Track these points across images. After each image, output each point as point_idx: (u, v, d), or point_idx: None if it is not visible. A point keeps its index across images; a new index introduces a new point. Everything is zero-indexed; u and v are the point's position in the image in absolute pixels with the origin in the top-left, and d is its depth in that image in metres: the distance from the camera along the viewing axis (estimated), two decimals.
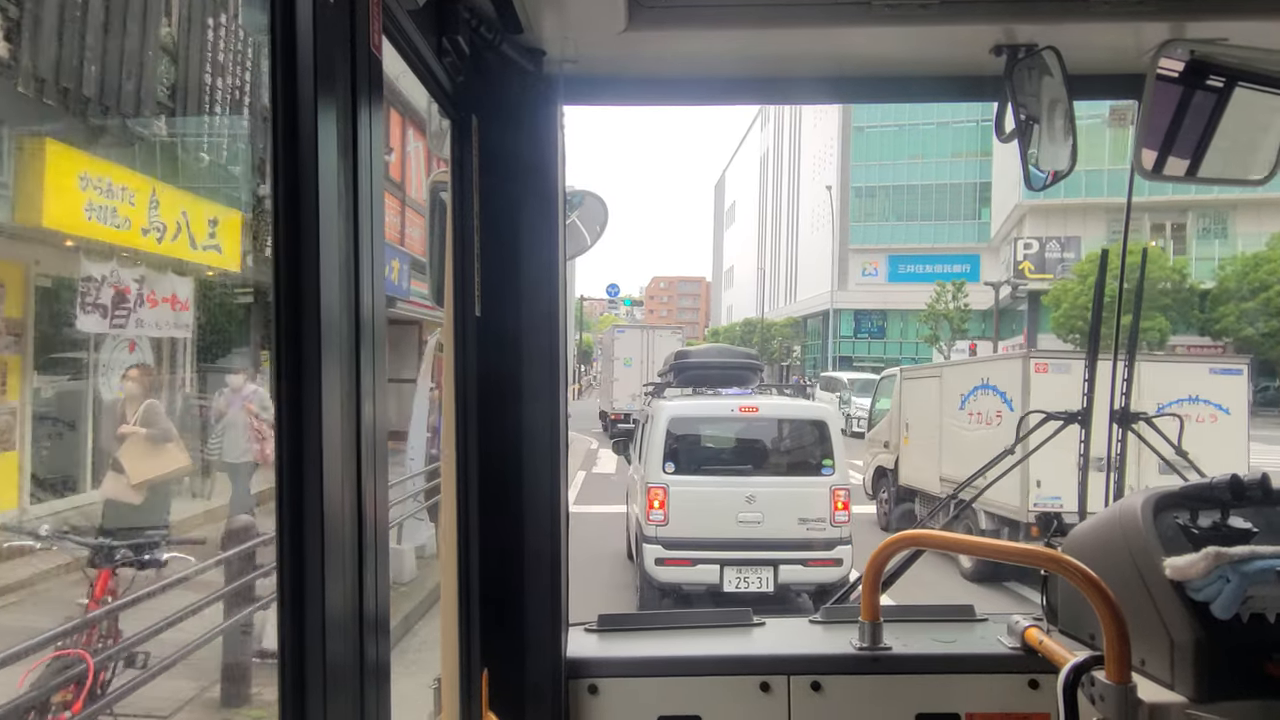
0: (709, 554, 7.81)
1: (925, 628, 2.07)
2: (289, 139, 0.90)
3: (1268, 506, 1.73)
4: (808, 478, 8.15)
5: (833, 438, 8.22)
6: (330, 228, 0.93)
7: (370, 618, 1.01)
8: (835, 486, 8.02)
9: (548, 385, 1.81)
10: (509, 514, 1.80)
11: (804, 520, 7.91)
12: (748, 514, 7.91)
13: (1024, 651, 1.88)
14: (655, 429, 8.23)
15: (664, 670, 1.94)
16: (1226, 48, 1.62)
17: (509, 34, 1.64)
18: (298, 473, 0.90)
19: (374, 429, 1.03)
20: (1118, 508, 1.81)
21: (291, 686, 0.90)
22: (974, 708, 1.91)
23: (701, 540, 7.85)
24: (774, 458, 8.49)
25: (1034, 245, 39.67)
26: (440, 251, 1.73)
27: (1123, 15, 1.58)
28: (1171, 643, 1.60)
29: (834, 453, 8.16)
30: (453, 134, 1.69)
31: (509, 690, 1.80)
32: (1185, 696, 1.57)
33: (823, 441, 8.26)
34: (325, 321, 0.91)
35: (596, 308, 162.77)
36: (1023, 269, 39.30)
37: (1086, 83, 1.78)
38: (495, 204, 1.76)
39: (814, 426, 8.39)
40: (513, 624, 1.81)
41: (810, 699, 1.90)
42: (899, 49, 1.78)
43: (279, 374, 0.90)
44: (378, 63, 1.05)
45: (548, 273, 1.80)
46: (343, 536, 0.96)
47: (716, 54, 1.83)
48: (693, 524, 7.88)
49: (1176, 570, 1.59)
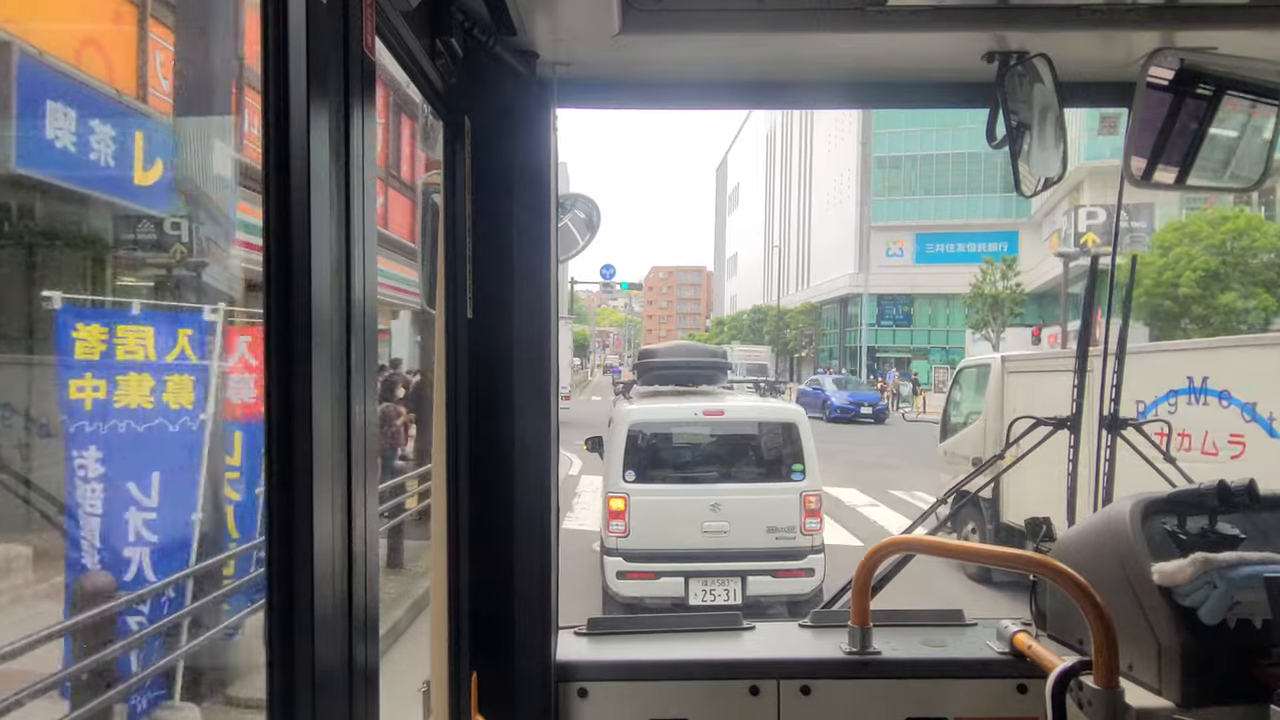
0: (673, 566, 7.41)
1: (914, 632, 2.11)
2: (280, 140, 0.90)
3: (1255, 512, 1.77)
4: (777, 484, 7.72)
5: (803, 440, 7.77)
6: (322, 230, 0.94)
7: (359, 620, 1.02)
8: (806, 493, 7.60)
9: (540, 387, 1.84)
10: (499, 516, 1.83)
11: (773, 529, 7.51)
12: (713, 523, 7.52)
13: (1013, 656, 1.93)
14: (616, 434, 7.84)
15: (653, 674, 1.98)
16: (1215, 56, 1.66)
17: (502, 36, 1.67)
18: (287, 476, 0.91)
19: (364, 434, 1.04)
20: (1106, 513, 1.86)
21: (280, 690, 0.91)
22: (963, 712, 1.94)
23: (665, 552, 7.46)
24: (741, 463, 8.11)
25: (1100, 214, 34.38)
26: (432, 253, 1.75)
27: (1113, 24, 1.62)
28: (1159, 648, 1.64)
29: (805, 456, 7.71)
30: (445, 136, 1.71)
31: (498, 693, 1.82)
32: (1172, 702, 1.61)
33: (793, 444, 7.80)
34: (316, 326, 0.93)
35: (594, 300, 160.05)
36: (1086, 241, 33.98)
37: (1077, 90, 1.83)
38: (487, 206, 1.79)
39: (783, 429, 7.92)
40: (503, 627, 1.84)
41: (799, 703, 1.94)
42: (891, 55, 1.80)
43: (269, 377, 0.91)
44: (371, 64, 1.07)
45: (540, 274, 1.83)
46: (332, 537, 0.96)
47: (710, 58, 1.86)
48: (655, 535, 7.49)
49: (1164, 576, 1.63)
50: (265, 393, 0.91)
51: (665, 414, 8.14)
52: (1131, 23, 1.62)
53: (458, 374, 1.74)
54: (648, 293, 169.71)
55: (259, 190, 0.91)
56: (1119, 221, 2.91)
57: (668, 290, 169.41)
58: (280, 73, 0.89)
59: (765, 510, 7.55)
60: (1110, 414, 2.51)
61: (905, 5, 1.60)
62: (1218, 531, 1.73)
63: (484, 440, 1.80)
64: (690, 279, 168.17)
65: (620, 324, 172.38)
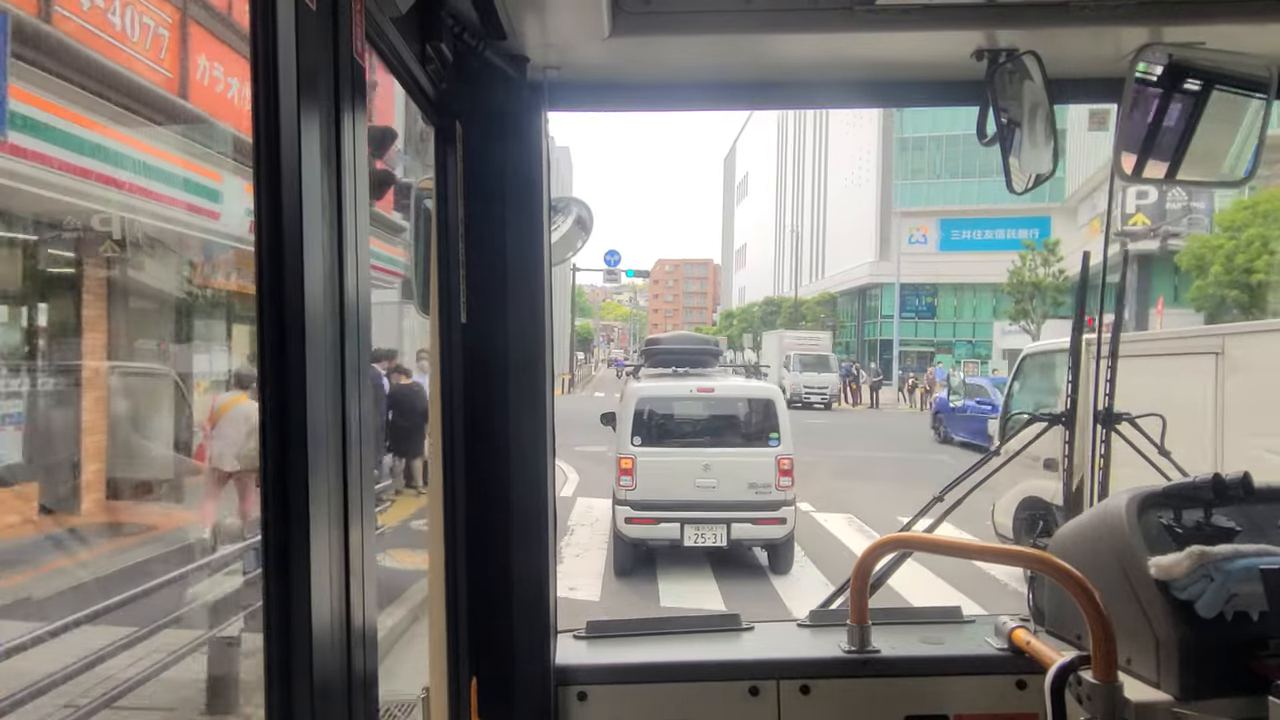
0: (671, 514, 9.11)
1: (913, 630, 2.12)
2: (271, 146, 0.90)
3: (1250, 505, 1.78)
4: (756, 448, 9.45)
5: (779, 414, 9.52)
6: (314, 236, 0.94)
7: (358, 627, 1.03)
8: (780, 456, 9.29)
9: (535, 389, 1.84)
10: (496, 520, 1.84)
11: (753, 485, 9.20)
12: (704, 480, 9.22)
13: (1011, 652, 1.94)
14: (626, 408, 9.56)
15: (653, 676, 1.99)
16: (1203, 51, 1.67)
17: (492, 40, 1.67)
18: (282, 479, 0.91)
19: (359, 438, 1.04)
20: (1102, 508, 1.88)
21: (278, 698, 0.91)
22: (962, 709, 1.95)
23: (665, 502, 9.15)
24: (728, 432, 9.79)
25: (1150, 193, 31.42)
26: (425, 258, 1.75)
27: (1101, 20, 1.63)
28: (1157, 642, 1.66)
29: (780, 427, 9.44)
30: (436, 140, 1.72)
31: (498, 698, 1.84)
32: (1171, 695, 1.63)
33: (769, 417, 9.54)
34: (310, 331, 0.93)
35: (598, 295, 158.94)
36: (1136, 222, 31.01)
37: (1066, 87, 1.84)
38: (480, 210, 1.79)
39: (763, 405, 9.68)
40: (501, 632, 1.85)
41: (799, 702, 1.95)
42: (881, 54, 1.81)
43: (263, 382, 0.91)
44: (360, 69, 1.07)
45: (534, 278, 1.83)
46: (329, 543, 0.96)
47: (701, 60, 1.87)
48: (657, 489, 9.18)
49: (1161, 569, 1.65)
50: (260, 400, 0.91)
51: (666, 391, 10.01)
52: (1120, 19, 1.63)
53: (452, 379, 1.75)
54: (653, 286, 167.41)
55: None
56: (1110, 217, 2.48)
57: (674, 284, 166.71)
58: (269, 78, 0.89)
59: (747, 470, 9.31)
60: (1105, 408, 2.52)
61: (894, 4, 1.61)
62: (1213, 525, 1.75)
63: (480, 444, 1.81)
64: (697, 272, 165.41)
65: (625, 318, 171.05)
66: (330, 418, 0.95)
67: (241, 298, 10.27)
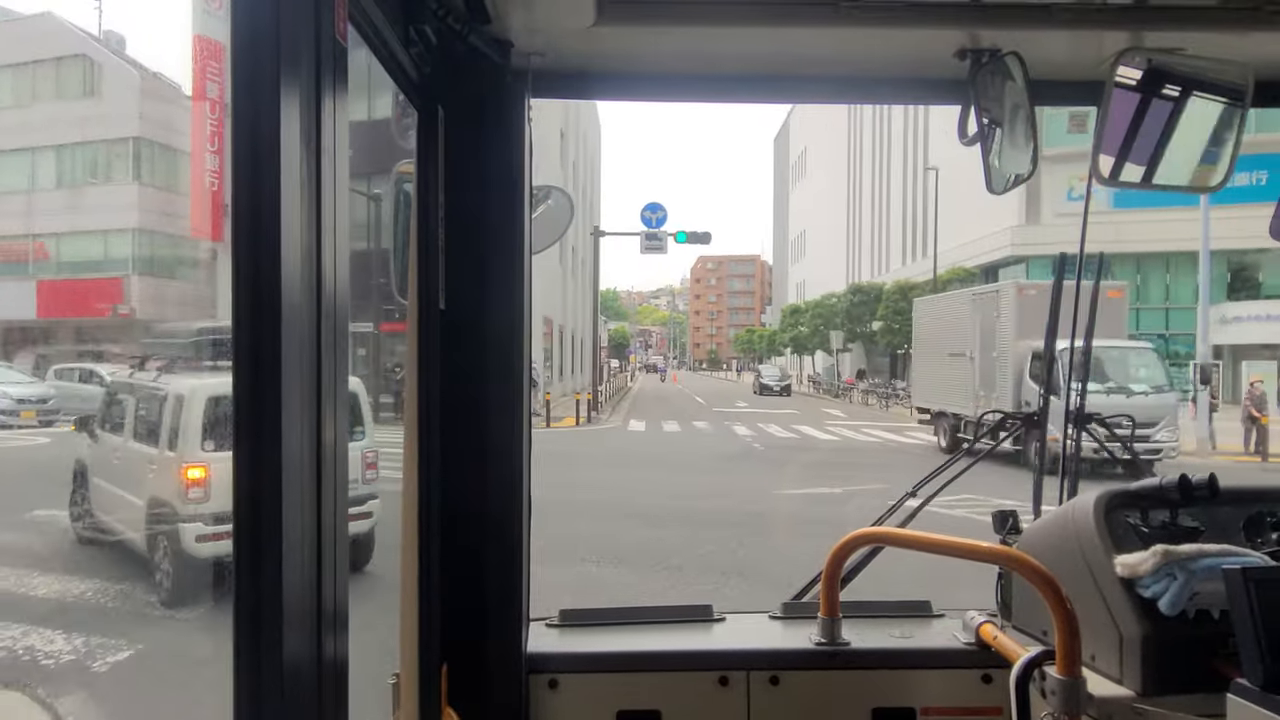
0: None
1: (883, 623, 2.19)
2: (250, 129, 0.91)
3: (1215, 506, 1.84)
4: None
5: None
6: (292, 221, 0.95)
7: (329, 614, 1.04)
8: None
9: (513, 377, 1.88)
10: (471, 506, 1.86)
11: None
12: None
13: (978, 647, 2.00)
14: None
15: (624, 665, 2.03)
16: (1183, 58, 1.71)
17: (477, 25, 1.70)
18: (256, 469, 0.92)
19: (335, 425, 1.05)
20: (1071, 506, 1.92)
21: (246, 683, 0.93)
22: (929, 702, 2.01)
23: None
24: None
25: None
26: (404, 243, 1.78)
27: (1083, 23, 1.67)
28: (1120, 638, 1.70)
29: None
30: (419, 124, 1.75)
31: (469, 685, 1.86)
32: (1133, 690, 1.67)
33: None
34: (286, 317, 0.94)
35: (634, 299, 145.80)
36: None
37: (1048, 88, 1.88)
38: (460, 195, 1.82)
39: None
40: (473, 619, 1.87)
41: (768, 693, 2.00)
42: (865, 50, 1.86)
43: (237, 371, 0.92)
44: (343, 51, 1.07)
45: (513, 265, 1.86)
46: (301, 524, 0.98)
47: (684, 51, 1.90)
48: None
49: (1126, 567, 1.70)
50: (234, 378, 0.93)
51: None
52: (1101, 22, 1.68)
53: (429, 364, 1.78)
54: (694, 286, 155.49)
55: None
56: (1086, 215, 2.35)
57: (717, 283, 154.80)
58: (249, 59, 0.91)
59: None
60: (1076, 408, 2.55)
61: (878, 1, 1.64)
62: (1179, 525, 1.81)
63: (456, 429, 1.83)
64: (743, 269, 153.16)
65: (663, 322, 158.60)
66: (305, 396, 0.97)
67: None
